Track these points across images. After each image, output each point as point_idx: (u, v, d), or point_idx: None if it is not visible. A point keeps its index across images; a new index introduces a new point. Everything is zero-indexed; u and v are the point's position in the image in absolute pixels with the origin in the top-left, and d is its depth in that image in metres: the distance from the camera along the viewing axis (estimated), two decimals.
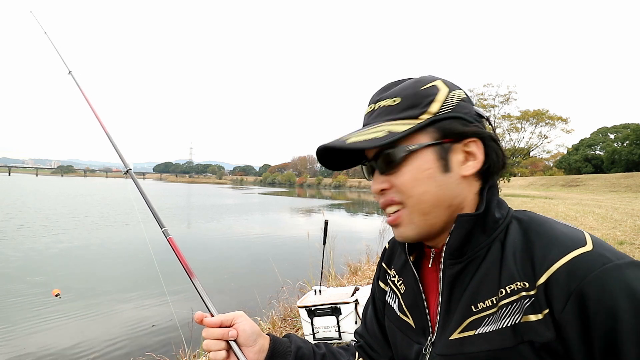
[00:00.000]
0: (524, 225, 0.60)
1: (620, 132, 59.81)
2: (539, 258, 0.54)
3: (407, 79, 0.67)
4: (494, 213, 0.61)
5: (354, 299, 3.01)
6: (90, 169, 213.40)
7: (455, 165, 0.61)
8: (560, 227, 0.57)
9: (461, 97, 0.63)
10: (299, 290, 4.80)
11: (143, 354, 3.60)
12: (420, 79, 0.65)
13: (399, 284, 0.76)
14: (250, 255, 10.24)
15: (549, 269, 0.52)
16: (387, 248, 0.86)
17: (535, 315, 0.53)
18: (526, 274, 0.55)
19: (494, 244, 0.60)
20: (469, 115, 0.62)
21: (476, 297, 0.59)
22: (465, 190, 0.62)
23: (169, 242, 0.90)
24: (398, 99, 0.62)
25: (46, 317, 5.52)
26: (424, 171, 0.60)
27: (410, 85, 0.63)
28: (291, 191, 72.58)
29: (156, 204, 0.98)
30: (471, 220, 0.60)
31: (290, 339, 0.79)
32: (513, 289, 0.55)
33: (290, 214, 23.24)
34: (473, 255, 0.61)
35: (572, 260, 0.51)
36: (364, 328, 0.87)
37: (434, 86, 0.62)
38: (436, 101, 0.61)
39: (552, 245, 0.54)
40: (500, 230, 0.61)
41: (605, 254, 0.51)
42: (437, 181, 0.60)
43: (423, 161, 0.60)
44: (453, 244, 0.61)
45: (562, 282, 0.51)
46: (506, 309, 0.56)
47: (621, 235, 7.68)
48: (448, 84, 0.64)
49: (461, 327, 0.60)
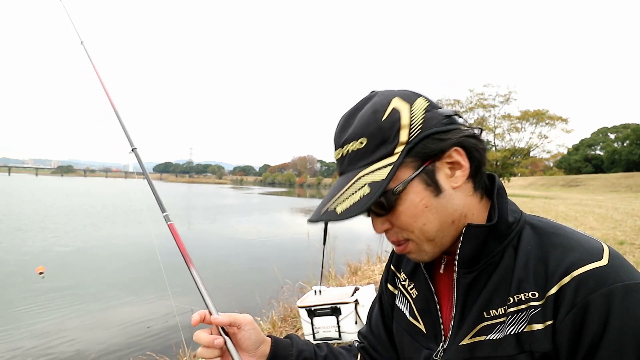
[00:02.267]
0: (540, 232, 0.59)
1: (620, 132, 59.82)
2: (552, 268, 0.54)
3: (361, 105, 0.62)
4: (507, 219, 0.60)
5: (354, 299, 3.01)
6: (90, 169, 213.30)
7: (444, 182, 0.59)
8: (578, 238, 0.56)
9: (423, 107, 0.59)
10: (299, 290, 4.80)
11: (143, 354, 3.60)
12: (377, 106, 0.60)
13: (410, 289, 0.74)
14: (251, 255, 10.24)
15: (561, 280, 0.52)
16: (394, 250, 0.85)
17: (539, 325, 0.53)
18: (537, 284, 0.54)
19: (507, 249, 0.59)
20: (439, 124, 0.58)
21: (489, 304, 0.59)
22: (462, 198, 0.61)
23: (170, 228, 0.88)
24: (364, 140, 0.59)
25: (45, 317, 5.52)
26: (418, 205, 0.58)
27: (371, 119, 0.59)
28: (291, 191, 72.61)
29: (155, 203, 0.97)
30: (485, 231, 0.59)
31: (292, 341, 0.78)
32: (521, 299, 0.55)
33: (290, 214, 23.23)
34: (487, 263, 0.60)
35: (585, 274, 0.51)
36: (369, 329, 0.86)
37: (394, 110, 0.58)
38: (403, 127, 0.57)
39: (567, 256, 0.53)
40: (513, 235, 0.60)
41: (619, 272, 0.50)
42: (433, 208, 0.59)
43: (414, 195, 0.58)
44: (466, 254, 0.60)
45: (571, 293, 0.51)
46: (513, 317, 0.56)
47: (621, 235, 7.68)
48: (406, 98, 0.60)
49: (473, 332, 0.60)
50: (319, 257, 3.91)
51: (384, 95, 0.61)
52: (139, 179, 1.03)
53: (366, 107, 0.61)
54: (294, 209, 26.60)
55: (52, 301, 6.11)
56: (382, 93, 0.62)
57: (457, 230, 0.61)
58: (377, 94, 0.63)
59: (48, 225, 13.91)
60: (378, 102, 0.60)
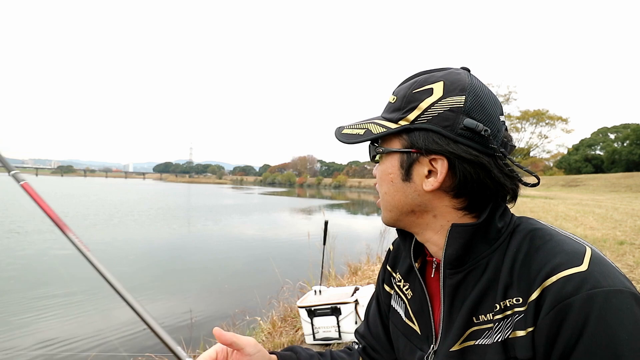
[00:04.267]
0: (527, 237, 0.58)
1: (620, 132, 59.76)
2: (534, 273, 0.54)
3: (426, 72, 0.64)
4: (496, 222, 0.60)
5: (354, 299, 3.01)
6: (90, 169, 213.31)
7: (416, 176, 0.61)
8: (562, 242, 0.55)
9: (452, 106, 0.58)
10: (299, 290, 4.80)
11: (143, 354, 3.60)
12: (424, 78, 0.62)
13: (406, 289, 0.75)
14: (251, 255, 10.24)
15: (540, 285, 0.52)
16: (391, 250, 0.84)
17: (521, 332, 0.53)
18: (521, 289, 0.55)
19: (496, 253, 0.59)
20: (450, 128, 0.57)
21: (477, 309, 0.59)
22: (433, 202, 0.62)
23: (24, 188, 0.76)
24: (394, 98, 0.64)
25: (43, 317, 5.51)
26: (387, 174, 0.64)
27: (409, 85, 0.63)
28: (291, 191, 72.56)
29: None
30: (469, 230, 0.59)
31: (296, 355, 0.78)
32: (507, 305, 0.56)
33: (290, 214, 23.23)
34: (474, 265, 0.60)
35: (563, 279, 0.51)
36: (367, 329, 0.86)
37: (429, 89, 0.59)
38: (417, 109, 0.59)
39: (549, 261, 0.53)
40: (503, 239, 0.60)
41: (598, 278, 0.50)
42: (395, 186, 0.64)
43: (388, 164, 0.64)
44: (452, 254, 0.60)
45: (549, 298, 0.51)
46: (499, 324, 0.56)
47: (621, 235, 7.67)
48: (447, 87, 0.59)
49: (462, 338, 0.60)
50: (319, 257, 3.91)
51: (440, 75, 0.61)
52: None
53: (425, 74, 0.63)
54: (294, 209, 26.59)
55: (49, 301, 6.10)
56: (447, 72, 0.61)
57: (422, 223, 0.64)
58: (446, 72, 0.62)
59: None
60: (429, 76, 0.62)
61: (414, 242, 0.71)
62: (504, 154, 0.59)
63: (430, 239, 0.65)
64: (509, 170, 0.60)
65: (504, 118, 0.63)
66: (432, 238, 0.65)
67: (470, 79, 0.60)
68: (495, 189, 0.59)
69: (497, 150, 0.58)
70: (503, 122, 0.62)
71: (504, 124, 0.62)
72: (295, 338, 3.26)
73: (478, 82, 0.61)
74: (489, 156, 0.58)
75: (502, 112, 0.62)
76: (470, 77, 0.61)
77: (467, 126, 0.57)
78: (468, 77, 0.60)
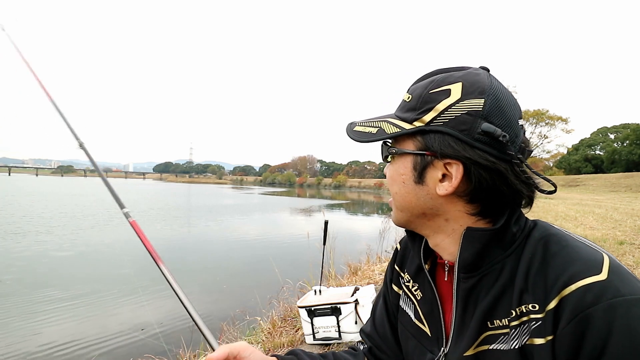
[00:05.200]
0: (542, 242, 0.57)
1: (620, 132, 59.71)
2: (551, 281, 0.53)
3: (442, 71, 0.62)
4: (512, 227, 0.59)
5: (354, 299, 3.01)
6: (90, 169, 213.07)
7: (429, 180, 0.60)
8: (579, 249, 0.55)
9: (471, 109, 0.56)
10: (299, 290, 4.79)
11: (142, 355, 3.60)
12: (442, 78, 0.60)
13: (415, 290, 0.74)
14: (251, 255, 10.24)
15: (559, 294, 0.51)
16: (398, 249, 0.83)
17: (540, 340, 0.52)
18: (537, 296, 0.54)
19: (510, 258, 0.58)
20: (467, 132, 0.55)
21: (492, 314, 0.58)
22: (446, 206, 0.61)
23: (132, 225, 0.83)
24: (409, 97, 0.62)
25: (41, 317, 5.51)
26: (399, 175, 0.63)
27: (425, 85, 0.60)
28: (291, 191, 72.54)
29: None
30: (486, 235, 0.58)
31: (298, 358, 0.77)
32: (523, 311, 0.55)
33: (290, 214, 23.22)
34: (488, 270, 0.59)
35: (582, 288, 0.50)
36: (373, 329, 0.85)
37: (447, 90, 0.57)
38: (434, 110, 0.58)
39: (566, 269, 0.52)
40: (518, 244, 0.59)
41: (618, 286, 0.49)
42: (407, 188, 0.62)
43: (401, 165, 0.63)
44: (467, 258, 0.59)
45: (569, 309, 0.50)
46: (515, 330, 0.55)
47: (621, 235, 7.67)
48: (466, 89, 0.57)
49: (477, 342, 0.59)
50: (319, 257, 3.91)
51: (459, 75, 0.59)
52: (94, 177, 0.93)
53: (440, 74, 0.61)
54: (294, 209, 26.59)
55: (47, 301, 6.10)
56: (466, 73, 0.59)
57: (434, 226, 0.63)
58: (465, 72, 0.59)
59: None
60: (447, 76, 0.60)
61: (423, 243, 0.70)
62: (521, 160, 0.57)
63: (440, 243, 0.65)
64: (526, 177, 0.58)
65: (523, 122, 0.61)
66: (443, 242, 0.64)
67: (490, 80, 0.58)
68: (511, 195, 0.58)
69: (514, 157, 0.56)
70: (522, 127, 0.60)
71: (523, 128, 0.60)
72: (295, 338, 3.26)
73: (498, 83, 0.59)
74: (506, 162, 0.56)
75: (520, 116, 0.60)
76: (490, 79, 0.58)
77: (485, 131, 0.55)
78: (488, 78, 0.58)
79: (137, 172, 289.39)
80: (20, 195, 27.68)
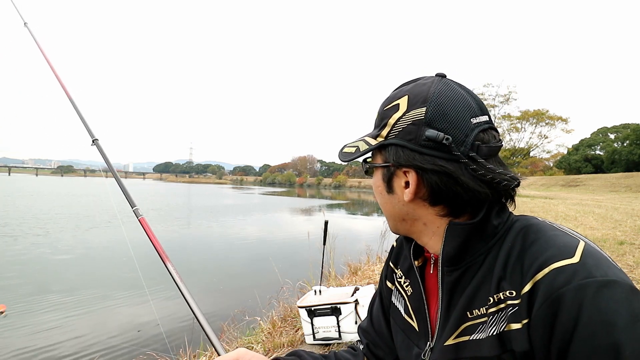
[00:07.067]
0: (522, 233, 0.59)
1: (620, 132, 59.70)
2: (526, 267, 0.54)
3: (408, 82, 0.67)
4: (492, 220, 0.61)
5: (354, 299, 3.01)
6: (90, 169, 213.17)
7: (397, 188, 0.65)
8: (555, 236, 0.56)
9: (415, 118, 0.60)
10: (299, 290, 4.79)
11: (143, 354, 3.60)
12: (395, 93, 0.66)
13: (406, 286, 0.76)
14: (251, 255, 10.24)
15: (532, 278, 0.53)
16: (394, 246, 0.86)
17: (516, 325, 0.54)
18: (514, 282, 0.55)
19: (492, 250, 0.60)
20: (414, 141, 0.59)
21: (471, 304, 0.60)
22: (418, 211, 0.64)
23: (140, 222, 0.89)
24: (377, 114, 0.68)
25: (42, 318, 5.51)
26: (377, 187, 0.69)
27: (383, 103, 0.66)
28: (291, 191, 72.58)
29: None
30: (466, 229, 0.60)
31: (299, 358, 0.79)
32: (501, 298, 0.56)
33: (290, 214, 23.24)
34: (471, 262, 0.61)
35: (554, 271, 0.51)
36: (370, 325, 0.87)
37: (396, 105, 0.63)
38: (388, 125, 0.63)
39: (541, 254, 0.54)
40: (499, 237, 0.61)
41: (590, 269, 0.50)
42: (384, 197, 0.68)
43: (376, 178, 0.69)
44: (449, 252, 0.62)
45: (542, 291, 0.51)
46: (493, 317, 0.57)
47: (621, 235, 7.67)
48: (411, 101, 0.61)
49: (456, 333, 0.61)
50: (319, 257, 3.91)
51: (406, 89, 0.64)
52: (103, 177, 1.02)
53: (395, 90, 0.67)
54: (294, 209, 26.59)
55: (47, 302, 6.10)
56: (414, 85, 0.64)
57: (416, 230, 0.67)
58: (413, 84, 0.64)
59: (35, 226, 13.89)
60: (398, 92, 0.65)
61: (414, 242, 0.72)
62: (473, 159, 0.58)
63: (427, 243, 0.68)
64: (481, 175, 0.58)
65: (483, 119, 0.61)
66: (429, 243, 0.67)
67: (435, 87, 0.60)
68: (467, 195, 0.59)
69: (461, 157, 0.58)
70: (477, 125, 0.60)
71: (479, 126, 0.60)
72: (295, 338, 3.26)
73: (445, 88, 0.60)
74: (457, 163, 0.58)
75: (475, 115, 0.60)
76: (438, 86, 0.61)
77: (429, 137, 0.58)
78: (434, 86, 0.61)
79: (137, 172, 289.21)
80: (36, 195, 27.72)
